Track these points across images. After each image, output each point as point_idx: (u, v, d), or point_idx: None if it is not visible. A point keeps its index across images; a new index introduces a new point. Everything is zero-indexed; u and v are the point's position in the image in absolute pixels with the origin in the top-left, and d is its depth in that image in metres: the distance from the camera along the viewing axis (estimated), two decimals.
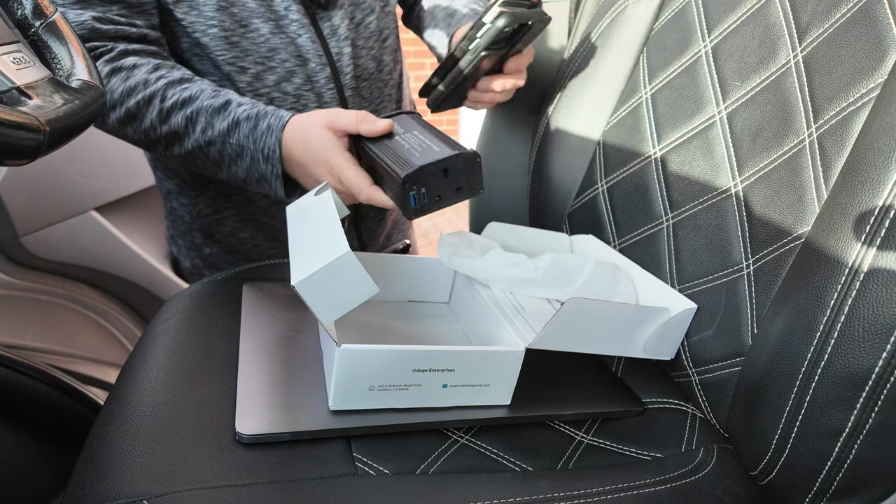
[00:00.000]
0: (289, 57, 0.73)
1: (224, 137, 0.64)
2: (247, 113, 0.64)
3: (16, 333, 1.03)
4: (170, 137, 0.65)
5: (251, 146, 0.63)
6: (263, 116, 0.64)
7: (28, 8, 0.46)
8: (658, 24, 0.69)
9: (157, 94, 0.64)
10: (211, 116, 0.64)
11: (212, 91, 0.65)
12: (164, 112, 0.64)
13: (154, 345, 0.57)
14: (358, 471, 0.44)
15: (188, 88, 0.65)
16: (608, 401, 0.56)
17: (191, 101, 0.64)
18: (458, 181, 0.56)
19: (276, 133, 0.63)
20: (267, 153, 0.63)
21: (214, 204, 0.82)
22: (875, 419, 0.40)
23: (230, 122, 0.63)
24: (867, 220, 0.41)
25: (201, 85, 0.66)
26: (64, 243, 1.09)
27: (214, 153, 0.65)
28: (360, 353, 0.45)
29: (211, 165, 0.67)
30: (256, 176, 0.65)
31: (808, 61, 0.52)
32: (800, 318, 0.44)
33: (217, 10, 0.68)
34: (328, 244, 0.45)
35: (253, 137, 0.63)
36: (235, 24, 0.70)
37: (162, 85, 0.64)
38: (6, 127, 0.34)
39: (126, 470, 0.41)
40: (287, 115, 0.63)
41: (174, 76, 0.65)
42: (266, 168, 0.64)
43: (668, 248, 0.61)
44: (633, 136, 0.67)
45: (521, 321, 0.56)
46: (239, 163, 0.65)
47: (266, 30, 0.71)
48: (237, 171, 0.66)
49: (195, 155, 0.66)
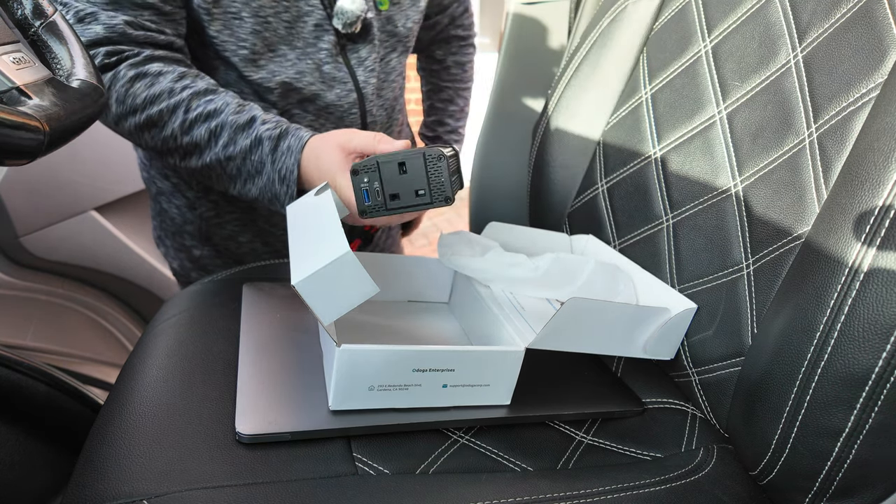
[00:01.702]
0: (315, 81, 0.74)
1: (245, 154, 0.64)
2: (269, 132, 0.63)
3: (16, 333, 1.03)
4: (189, 148, 0.65)
5: (269, 166, 0.63)
6: (285, 136, 0.63)
7: (28, 8, 0.46)
8: (658, 24, 0.69)
9: (182, 104, 0.64)
10: (235, 133, 0.64)
11: (237, 105, 0.65)
12: (188, 123, 0.64)
13: (154, 345, 0.57)
14: (358, 471, 0.44)
15: (213, 101, 0.64)
16: (608, 401, 0.56)
17: (215, 115, 0.64)
18: (419, 182, 0.52)
19: (294, 154, 0.62)
20: (284, 174, 0.63)
21: (217, 208, 0.83)
22: (875, 419, 0.40)
23: (253, 140, 0.63)
24: (867, 220, 0.41)
25: (226, 98, 0.65)
26: (64, 243, 1.09)
27: (232, 169, 0.65)
28: (360, 353, 0.45)
29: (225, 181, 0.67)
30: (269, 196, 0.65)
31: (808, 61, 0.52)
32: (800, 318, 0.44)
33: (251, 33, 0.69)
34: (328, 244, 0.45)
35: (273, 157, 0.63)
36: (265, 49, 0.70)
37: (187, 95, 0.64)
38: (6, 127, 0.34)
39: (126, 470, 0.41)
40: (307, 136, 0.63)
41: (199, 87, 0.65)
42: (280, 189, 0.64)
43: (668, 248, 0.61)
44: (634, 136, 0.67)
45: (521, 321, 0.56)
46: (256, 181, 0.65)
47: (293, 56, 0.72)
48: (251, 189, 0.66)
49: (212, 169, 0.66)
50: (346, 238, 0.45)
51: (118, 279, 1.15)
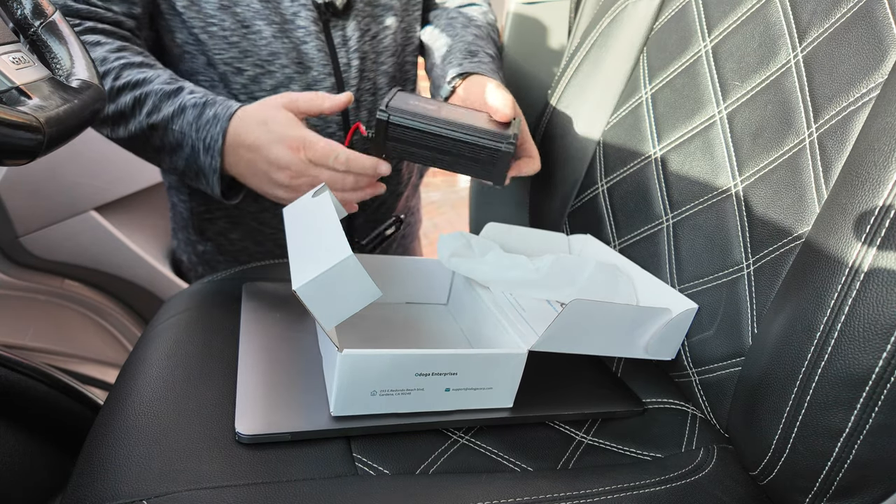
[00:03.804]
0: (289, 63, 0.71)
1: (168, 123, 0.61)
2: (195, 100, 0.61)
3: (16, 333, 1.03)
4: (116, 117, 0.63)
5: (193, 134, 0.61)
6: (212, 105, 0.61)
7: (28, 8, 0.46)
8: (658, 23, 0.69)
9: (112, 72, 0.61)
10: (160, 100, 0.61)
11: (168, 77, 0.63)
12: (115, 91, 0.61)
13: (154, 345, 0.57)
14: (358, 471, 0.44)
15: (144, 72, 0.62)
16: (608, 401, 0.56)
17: (143, 84, 0.62)
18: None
19: (221, 123, 0.60)
20: (209, 143, 0.60)
21: (206, 203, 0.82)
22: (875, 419, 0.40)
23: (177, 108, 0.61)
24: (867, 219, 0.41)
25: (160, 71, 0.63)
26: (64, 243, 1.09)
27: (156, 139, 0.62)
28: (362, 358, 0.45)
29: (152, 152, 0.65)
30: (195, 169, 0.63)
31: (808, 61, 0.52)
32: (800, 318, 0.44)
33: (218, 9, 0.67)
34: (329, 247, 0.44)
35: (196, 125, 0.60)
36: (237, 24, 0.68)
37: (118, 64, 0.62)
38: (6, 127, 0.34)
39: (126, 470, 0.41)
40: (236, 105, 0.61)
41: (135, 59, 0.63)
42: (205, 160, 0.61)
43: (668, 248, 0.61)
44: (634, 135, 0.67)
45: (523, 323, 0.56)
46: (179, 153, 0.62)
47: (269, 33, 0.69)
48: (177, 162, 0.63)
49: (137, 139, 0.63)
50: (347, 241, 0.45)
51: (118, 279, 1.15)
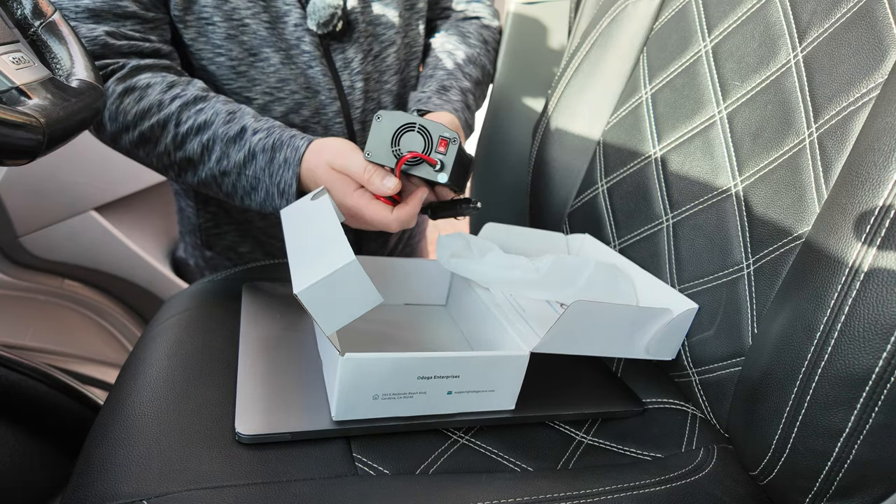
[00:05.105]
0: (298, 88, 0.71)
1: (240, 169, 0.62)
2: (262, 144, 0.61)
3: (16, 333, 1.03)
4: (183, 164, 0.63)
5: (267, 180, 0.61)
6: (279, 148, 0.61)
7: (28, 8, 0.46)
8: (658, 23, 0.69)
9: (172, 117, 0.61)
10: (226, 146, 0.61)
11: (226, 115, 0.62)
12: (180, 138, 0.62)
13: (154, 345, 0.57)
14: (358, 471, 0.44)
15: (203, 111, 0.62)
16: (608, 401, 0.56)
17: (206, 127, 0.61)
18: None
19: (293, 167, 0.60)
20: (283, 188, 0.61)
21: (215, 219, 0.83)
22: (875, 419, 0.40)
23: (246, 154, 0.61)
24: (867, 219, 0.41)
25: (216, 105, 0.63)
26: (64, 243, 1.09)
27: (228, 185, 0.63)
28: (364, 362, 0.44)
29: (224, 195, 0.66)
30: (270, 209, 0.64)
31: (808, 61, 0.52)
32: (800, 318, 0.44)
33: (225, 38, 0.67)
34: (331, 251, 0.44)
35: (269, 171, 0.61)
36: (245, 54, 0.68)
37: (176, 108, 0.62)
38: (6, 127, 0.34)
39: (126, 470, 0.41)
40: (303, 146, 0.61)
41: (188, 95, 0.63)
42: (281, 203, 0.62)
43: (668, 248, 0.61)
44: (634, 135, 0.67)
45: (523, 324, 0.56)
46: (253, 196, 0.63)
47: (276, 60, 0.69)
48: (250, 203, 0.64)
49: (208, 184, 0.64)
50: (349, 245, 0.44)
51: (118, 279, 1.15)
